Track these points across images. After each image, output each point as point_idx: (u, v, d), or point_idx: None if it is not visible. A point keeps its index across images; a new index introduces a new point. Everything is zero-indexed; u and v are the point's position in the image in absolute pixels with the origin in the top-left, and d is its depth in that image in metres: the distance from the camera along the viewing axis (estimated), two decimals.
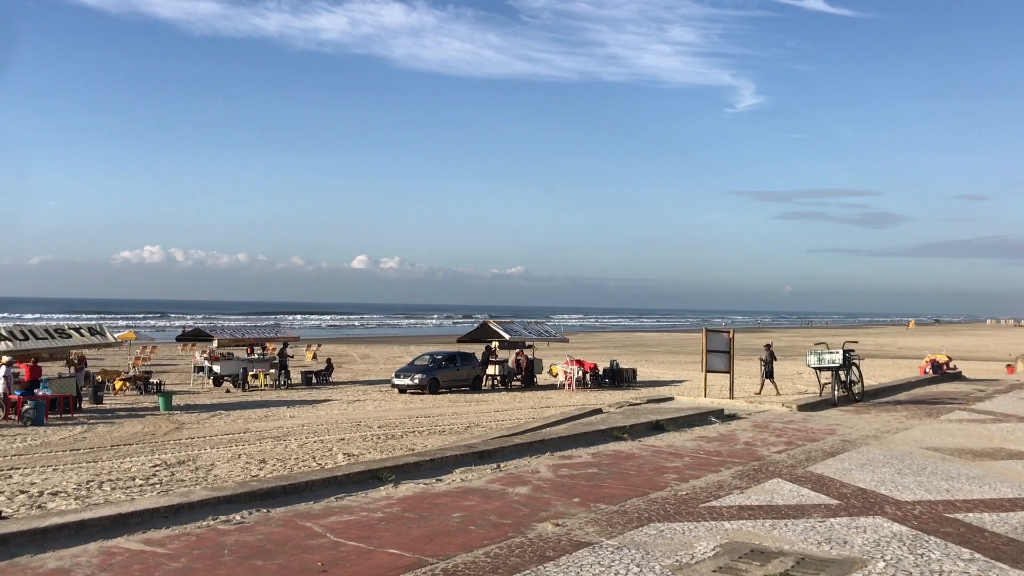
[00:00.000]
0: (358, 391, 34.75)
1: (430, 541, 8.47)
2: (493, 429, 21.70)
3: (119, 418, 25.82)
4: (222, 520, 8.82)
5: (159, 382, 33.67)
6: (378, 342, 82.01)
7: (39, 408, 24.35)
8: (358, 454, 18.98)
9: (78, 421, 25.00)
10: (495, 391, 35.46)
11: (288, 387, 35.77)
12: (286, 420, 25.55)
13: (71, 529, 7.93)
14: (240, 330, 41.22)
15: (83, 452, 19.72)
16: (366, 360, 55.44)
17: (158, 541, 8.00)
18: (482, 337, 39.27)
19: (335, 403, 30.19)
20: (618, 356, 46.69)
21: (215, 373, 36.04)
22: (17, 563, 7.17)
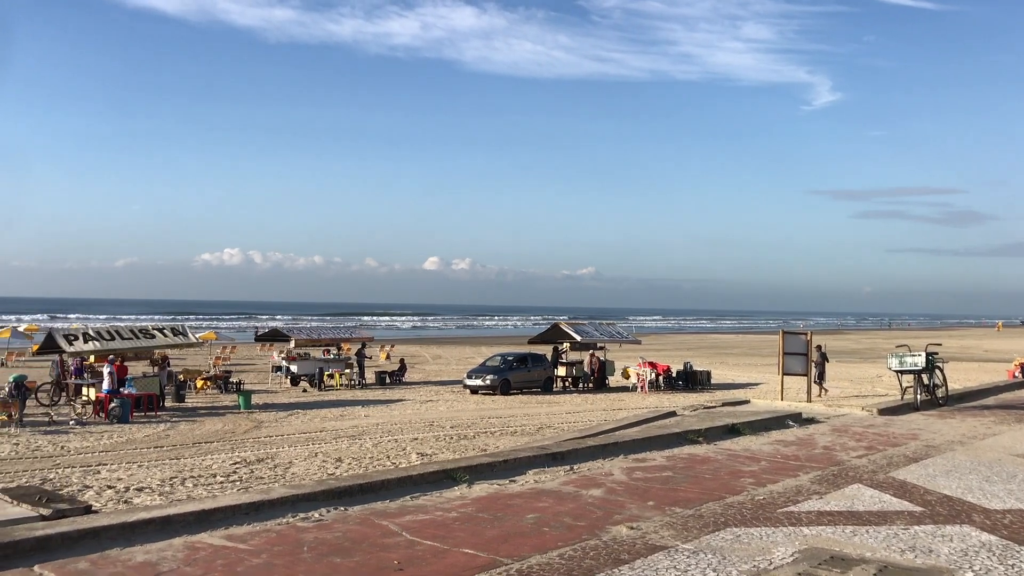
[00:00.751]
0: (430, 391, 35.05)
1: (504, 542, 8.49)
2: (565, 431, 21.67)
3: (200, 416, 26.51)
4: (301, 517, 8.98)
5: (238, 381, 34.46)
6: (449, 343, 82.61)
7: (125, 406, 25.16)
8: (431, 454, 19.15)
9: (161, 419, 25.75)
10: (566, 393, 35.40)
11: (363, 387, 36.26)
12: (361, 419, 25.91)
13: (157, 524, 8.17)
14: (317, 331, 41.97)
15: (166, 449, 20.30)
16: (438, 361, 55.88)
17: (240, 537, 8.19)
18: (553, 338, 39.23)
19: (408, 403, 30.51)
20: (692, 358, 46.16)
21: (292, 373, 36.74)
22: (107, 556, 7.41)
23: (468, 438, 21.87)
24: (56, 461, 18.46)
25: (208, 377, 34.85)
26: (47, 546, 7.40)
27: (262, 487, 14.72)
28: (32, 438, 21.56)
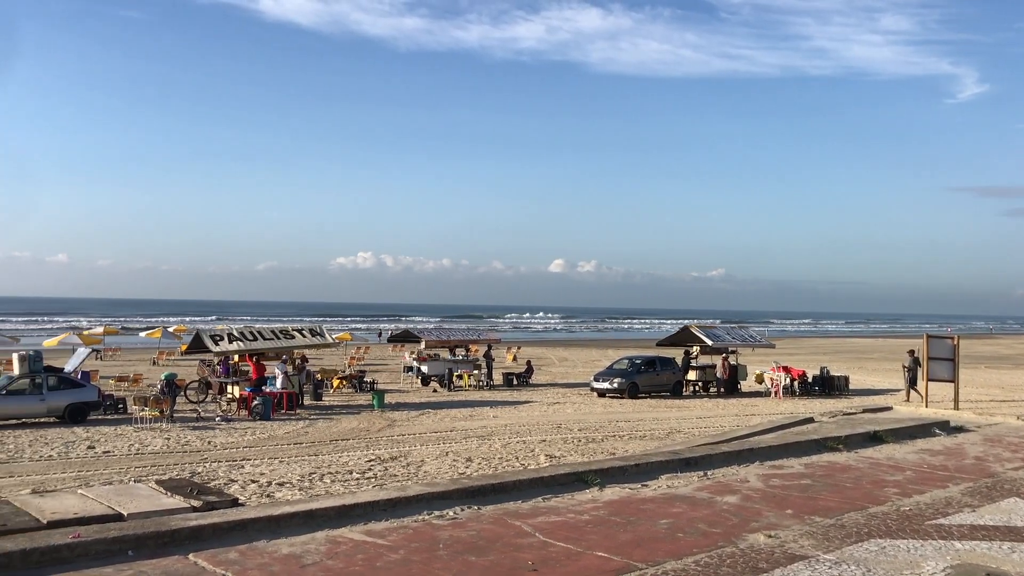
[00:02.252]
0: (557, 393, 35.09)
1: (638, 546, 8.40)
2: (696, 436, 21.29)
3: (336, 414, 27.36)
4: (436, 515, 9.13)
5: (372, 381, 35.40)
6: (576, 345, 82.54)
7: (266, 404, 26.21)
8: (560, 456, 19.15)
9: (300, 417, 26.71)
10: (696, 397, 34.80)
11: (491, 388, 36.65)
12: (489, 420, 26.18)
13: (301, 518, 8.46)
14: (446, 332, 42.72)
15: (305, 446, 21.03)
16: (564, 363, 55.90)
17: (378, 533, 8.39)
18: (683, 341, 38.64)
19: (535, 405, 30.63)
20: (828, 363, 44.57)
21: (423, 373, 37.49)
22: (255, 547, 7.73)
23: (596, 441, 21.77)
24: (204, 455, 19.41)
25: (344, 376, 35.96)
26: (200, 536, 7.78)
27: (398, 484, 15.05)
28: (181, 433, 22.74)
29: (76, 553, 7.09)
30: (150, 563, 7.12)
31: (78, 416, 24.56)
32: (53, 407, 24.47)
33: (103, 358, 50.71)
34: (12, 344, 44.94)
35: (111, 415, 26.06)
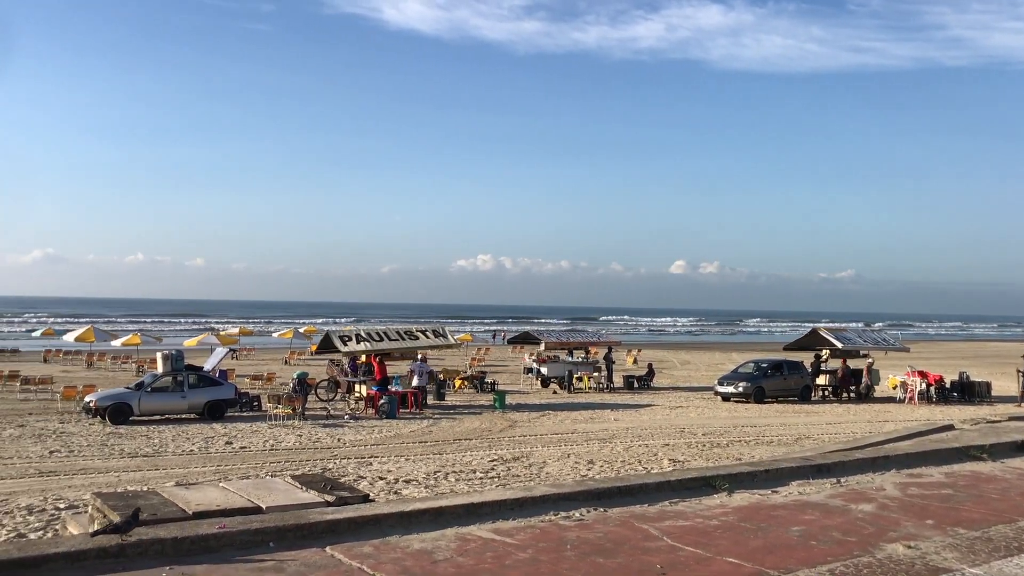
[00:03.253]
0: (680, 397, 34.64)
1: (769, 553, 8.20)
2: (827, 442, 20.63)
3: (459, 414, 27.79)
4: (562, 516, 9.14)
5: (493, 381, 35.79)
6: (698, 348, 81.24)
7: (392, 403, 26.85)
8: (684, 460, 18.91)
9: (424, 416, 27.25)
10: (825, 402, 33.72)
11: (611, 390, 36.48)
12: (610, 423, 26.07)
13: (431, 515, 8.63)
14: (565, 334, 42.77)
15: (429, 444, 21.45)
16: (687, 366, 55.12)
17: (506, 531, 8.47)
18: (811, 345, 37.54)
19: (657, 408, 30.32)
20: (968, 368, 42.41)
21: (543, 375, 37.64)
22: (388, 542, 7.93)
23: (721, 446, 21.39)
24: (334, 452, 20.06)
25: (465, 377, 36.50)
26: (335, 529, 8.02)
27: (523, 484, 15.17)
28: (312, 430, 23.55)
29: (222, 543, 7.43)
30: (290, 554, 7.40)
31: (216, 413, 25.76)
32: (194, 404, 25.75)
33: (238, 357, 52.96)
34: (156, 344, 47.48)
35: (247, 412, 27.24)
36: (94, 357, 48.12)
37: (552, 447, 21.03)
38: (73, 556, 6.82)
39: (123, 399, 24.90)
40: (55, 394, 29.31)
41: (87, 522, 9.52)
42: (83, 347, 48.53)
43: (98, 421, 24.23)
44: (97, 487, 14.83)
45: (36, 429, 22.85)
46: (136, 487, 14.14)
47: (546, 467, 17.96)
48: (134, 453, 19.59)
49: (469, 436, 22.99)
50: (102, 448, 20.16)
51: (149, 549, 7.13)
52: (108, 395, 25.39)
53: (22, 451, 19.45)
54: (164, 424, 24.34)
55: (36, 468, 17.45)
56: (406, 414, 27.30)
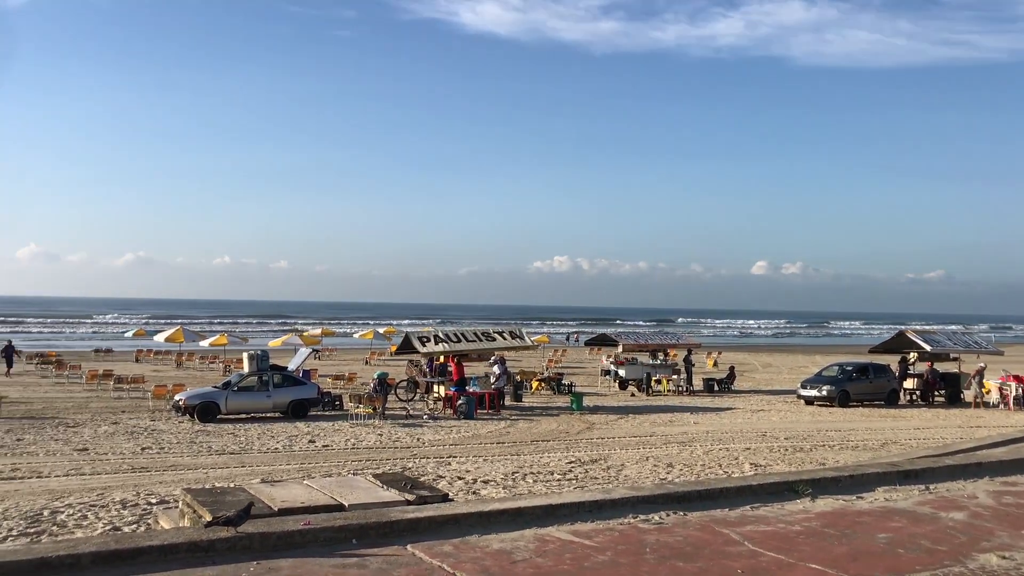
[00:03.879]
0: (761, 400, 34.05)
1: (854, 560, 8.02)
2: (914, 448, 20.06)
3: (536, 416, 27.83)
4: (641, 519, 9.09)
5: (570, 383, 35.74)
6: (780, 351, 79.72)
7: (470, 403, 27.05)
8: (765, 465, 18.60)
9: (502, 417, 27.37)
10: (913, 407, 32.75)
11: (691, 393, 36.07)
12: (690, 426, 25.79)
13: (510, 515, 8.67)
14: (644, 336, 42.45)
15: (507, 445, 21.54)
16: (768, 369, 54.16)
17: (584, 533, 8.46)
18: (898, 348, 36.47)
19: (738, 411, 29.87)
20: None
21: (621, 377, 37.44)
22: (467, 541, 8.00)
23: (804, 451, 20.97)
24: (413, 451, 20.31)
25: (542, 378, 36.53)
26: (416, 528, 8.13)
27: (602, 487, 15.13)
28: (392, 430, 23.88)
29: (307, 539, 7.61)
30: (372, 551, 7.53)
31: (300, 412, 26.34)
32: (278, 403, 26.37)
33: (321, 358, 54.05)
34: (242, 344, 48.77)
35: (329, 411, 27.77)
36: (183, 357, 49.67)
37: (630, 450, 20.91)
38: (165, 549, 7.07)
39: (211, 398, 25.65)
40: (146, 393, 30.35)
41: (177, 517, 9.84)
42: (173, 347, 50.15)
43: (187, 419, 25.01)
44: (186, 483, 15.32)
45: (129, 426, 23.70)
46: (223, 483, 14.54)
47: (624, 470, 17.87)
48: (221, 450, 20.16)
49: (546, 438, 23.01)
50: (191, 445, 20.80)
51: (237, 544, 7.34)
52: (197, 394, 26.19)
53: (116, 447, 20.20)
54: (250, 422, 24.98)
55: (129, 464, 18.10)
56: (484, 415, 27.47)
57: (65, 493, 14.79)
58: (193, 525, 8.72)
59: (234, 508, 7.99)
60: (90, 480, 16.25)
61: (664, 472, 17.62)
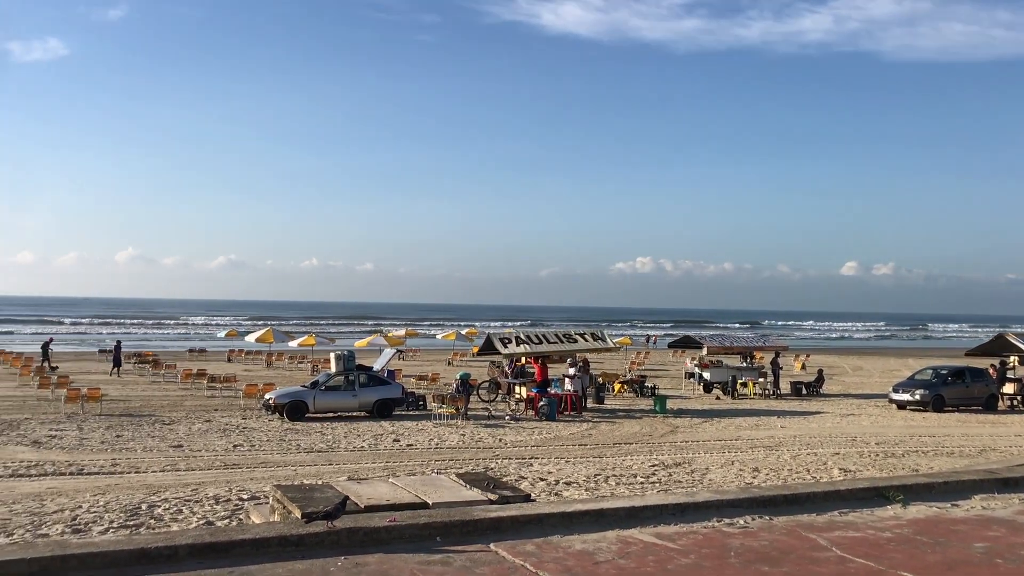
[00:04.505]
0: (851, 404, 33.19)
1: (949, 569, 7.78)
2: (1015, 455, 19.31)
3: (618, 418, 27.69)
4: (726, 523, 8.99)
5: (653, 386, 35.42)
6: (871, 353, 77.54)
7: (552, 405, 27.06)
8: (855, 470, 18.15)
9: (584, 419, 27.31)
10: (1013, 413, 31.48)
11: (777, 397, 35.38)
12: (777, 430, 25.32)
13: (592, 516, 8.68)
14: (729, 338, 41.81)
15: (589, 447, 21.49)
16: (858, 372, 52.75)
17: (668, 536, 8.41)
18: (997, 351, 35.16)
19: (827, 416, 29.18)
20: None
21: (705, 380, 36.94)
22: (550, 541, 8.04)
23: (896, 456, 20.38)
24: (495, 452, 20.43)
25: (625, 381, 36.30)
26: (499, 527, 8.21)
27: (685, 490, 14.99)
28: (475, 430, 24.07)
29: (392, 536, 7.76)
30: (456, 549, 7.63)
31: (385, 411, 26.75)
32: (364, 402, 26.83)
33: (405, 358, 54.75)
34: (329, 345, 49.79)
35: (413, 411, 28.13)
36: (273, 357, 50.94)
37: (715, 453, 20.64)
38: (258, 543, 7.30)
39: (299, 397, 26.27)
40: (238, 391, 31.24)
41: (268, 513, 10.13)
42: (263, 347, 51.48)
43: (277, 417, 25.66)
44: (276, 480, 15.73)
45: (221, 424, 24.44)
46: (312, 481, 14.89)
47: (709, 473, 17.66)
48: (309, 448, 20.63)
49: (629, 440, 22.88)
50: (280, 443, 21.34)
51: (325, 539, 7.53)
52: (286, 393, 26.84)
53: (209, 444, 20.86)
54: (336, 421, 25.50)
55: (222, 461, 18.67)
56: (566, 417, 27.45)
57: (161, 488, 15.35)
58: (283, 520, 8.97)
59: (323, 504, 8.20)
60: (185, 476, 16.83)
61: (749, 476, 17.35)
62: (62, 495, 14.54)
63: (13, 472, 16.72)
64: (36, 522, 12.49)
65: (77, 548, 6.93)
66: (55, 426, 23.07)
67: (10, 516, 12.87)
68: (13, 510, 13.31)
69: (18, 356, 45.12)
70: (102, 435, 21.71)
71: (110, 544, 7.14)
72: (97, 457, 18.69)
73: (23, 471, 16.85)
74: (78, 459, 18.35)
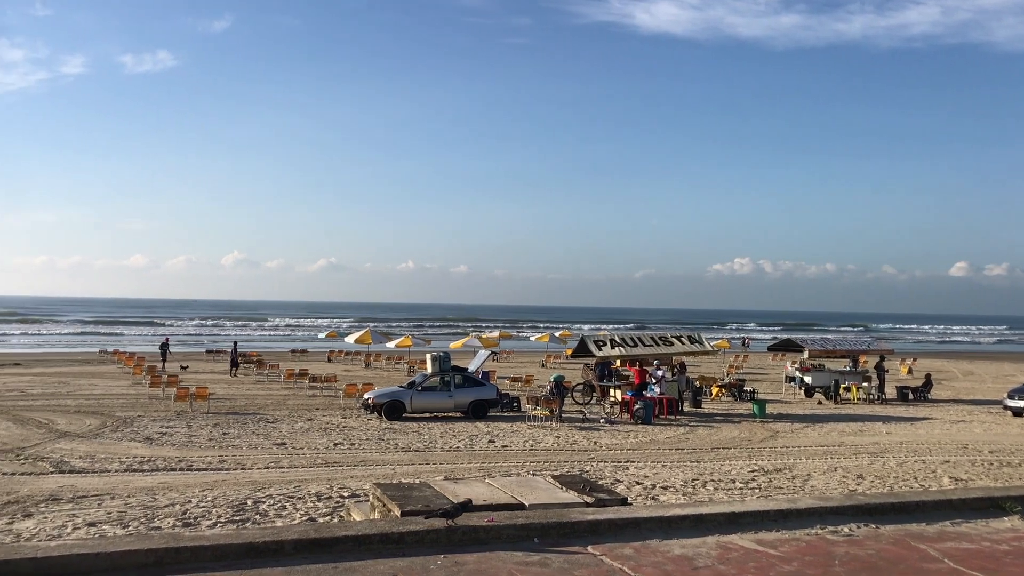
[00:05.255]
0: (961, 411, 31.89)
1: None
2: None
3: (716, 422, 27.24)
4: (830, 530, 8.74)
5: (752, 390, 34.74)
6: (982, 358, 74.32)
7: (648, 408, 26.81)
8: (967, 479, 17.44)
9: (680, 423, 26.97)
10: None
11: (883, 402, 34.25)
12: (882, 436, 24.53)
13: (691, 521, 8.56)
14: (831, 342, 40.70)
15: (686, 452, 21.21)
16: (969, 377, 50.63)
17: (769, 543, 8.23)
18: None
19: (935, 422, 28.12)
20: None
21: (806, 384, 36.05)
22: (648, 545, 7.96)
23: (1011, 466, 19.49)
24: (590, 455, 20.36)
25: (722, 384, 35.71)
26: (596, 530, 8.17)
27: (787, 496, 14.65)
28: (569, 432, 24.04)
29: (491, 535, 7.81)
30: (554, 550, 7.63)
31: (480, 412, 26.97)
32: (459, 403, 27.11)
33: (499, 360, 55.10)
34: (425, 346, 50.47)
35: (507, 412, 28.29)
36: (371, 357, 51.98)
37: (817, 459, 20.11)
38: (359, 540, 7.45)
39: (397, 397, 26.71)
40: (338, 391, 31.97)
41: (368, 510, 10.31)
42: (361, 348, 52.55)
43: (375, 417, 26.15)
44: (375, 478, 16.02)
45: (322, 423, 25.04)
46: (409, 479, 15.12)
47: (810, 480, 17.22)
48: (407, 448, 20.95)
49: (727, 445, 22.49)
50: (378, 442, 21.74)
51: (425, 537, 7.63)
52: (384, 393, 27.33)
53: (311, 443, 21.40)
54: (432, 421, 25.82)
55: (323, 458, 19.13)
56: (661, 420, 27.17)
57: (266, 484, 15.81)
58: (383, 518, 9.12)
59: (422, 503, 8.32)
60: (288, 473, 17.30)
61: (853, 483, 16.84)
62: (173, 490, 15.14)
63: (128, 467, 17.49)
64: (149, 515, 13.03)
65: (189, 541, 7.20)
66: (166, 423, 24.04)
67: (125, 509, 13.47)
68: (128, 503, 13.92)
69: (131, 356, 47.17)
70: (209, 432, 22.50)
71: (220, 538, 7.39)
72: (205, 454, 19.39)
73: (136, 466, 17.61)
74: (187, 455, 19.07)
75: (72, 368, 44.05)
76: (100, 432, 22.16)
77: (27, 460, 17.96)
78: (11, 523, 12.51)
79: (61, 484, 15.47)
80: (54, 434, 21.62)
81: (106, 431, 22.36)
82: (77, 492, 14.72)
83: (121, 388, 33.74)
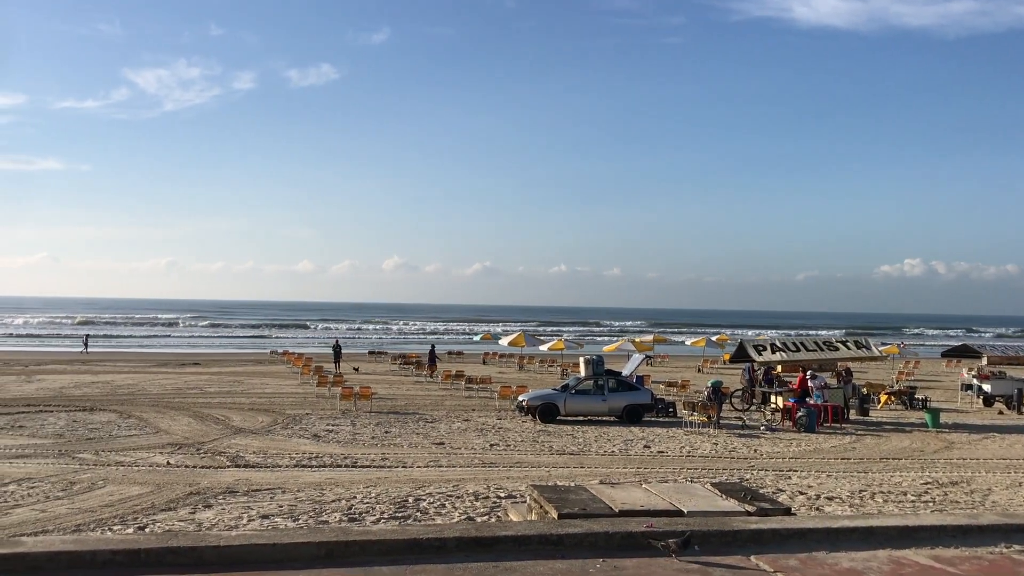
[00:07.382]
0: None
1: None
2: None
3: (885, 432, 25.97)
4: (1016, 550, 8.16)
5: (924, 398, 32.90)
6: None
7: (811, 416, 25.84)
8: None
9: (846, 431, 25.85)
10: None
11: None
12: None
13: (860, 534, 8.19)
14: (1013, 348, 38.05)
15: (852, 462, 20.31)
16: None
17: (947, 559, 7.77)
18: None
19: None
20: None
21: (985, 392, 33.83)
22: (814, 557, 7.67)
23: None
24: (750, 462, 19.81)
25: (892, 392, 34.00)
26: (759, 539, 7.95)
27: (966, 511, 13.80)
28: (727, 439, 23.47)
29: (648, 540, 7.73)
30: (714, 559, 7.47)
31: (634, 416, 26.74)
32: (613, 407, 26.96)
33: (653, 364, 54.50)
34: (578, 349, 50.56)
35: (662, 418, 27.89)
36: (524, 360, 52.52)
37: (998, 473, 18.83)
38: (519, 540, 7.53)
39: (551, 399, 26.85)
40: (493, 393, 32.45)
41: (525, 511, 10.42)
42: (515, 351, 53.21)
43: (529, 419, 26.38)
44: (531, 480, 16.16)
45: (478, 424, 25.49)
46: (565, 482, 15.16)
47: (991, 495, 16.14)
48: (561, 450, 21.02)
49: (897, 455, 21.38)
50: (533, 444, 21.91)
51: (584, 540, 7.64)
52: (538, 395, 27.52)
53: (468, 443, 21.82)
54: (587, 425, 25.81)
55: (479, 459, 19.47)
56: (825, 428, 26.12)
57: (425, 483, 16.24)
58: (540, 519, 9.19)
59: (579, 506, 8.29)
60: (446, 472, 17.70)
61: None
62: (339, 485, 15.78)
63: (297, 463, 18.36)
64: (317, 509, 13.65)
65: (357, 535, 7.49)
66: (331, 421, 25.09)
67: (296, 503, 14.16)
68: (298, 497, 14.63)
69: (299, 356, 49.53)
70: (372, 431, 23.32)
71: (386, 533, 7.65)
72: (368, 451, 20.11)
73: (305, 462, 18.46)
74: (352, 452, 19.83)
75: (246, 368, 46.67)
76: (271, 429, 23.37)
77: (206, 454, 19.16)
78: (193, 513, 13.39)
79: (237, 478, 16.41)
80: (230, 430, 22.96)
81: (277, 428, 23.56)
82: (251, 485, 15.59)
83: (290, 387, 35.45)
